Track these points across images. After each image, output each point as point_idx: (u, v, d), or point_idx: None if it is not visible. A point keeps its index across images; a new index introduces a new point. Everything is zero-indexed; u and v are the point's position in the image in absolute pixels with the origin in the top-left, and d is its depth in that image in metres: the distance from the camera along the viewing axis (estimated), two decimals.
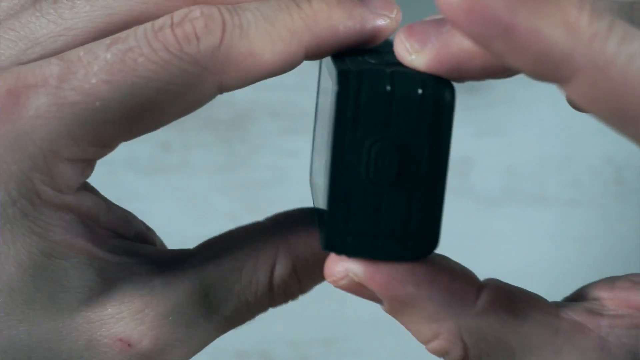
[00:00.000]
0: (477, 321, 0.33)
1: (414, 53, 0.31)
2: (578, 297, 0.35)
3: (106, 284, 0.34)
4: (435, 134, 0.31)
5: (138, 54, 0.31)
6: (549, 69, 0.28)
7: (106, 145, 0.33)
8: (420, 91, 0.31)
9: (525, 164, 0.92)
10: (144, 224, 0.39)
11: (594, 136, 0.50)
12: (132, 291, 0.34)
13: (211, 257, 0.35)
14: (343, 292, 0.34)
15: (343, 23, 0.33)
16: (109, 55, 0.31)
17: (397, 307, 0.34)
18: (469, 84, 0.33)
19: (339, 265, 0.33)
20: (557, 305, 0.34)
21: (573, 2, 0.27)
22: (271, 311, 0.38)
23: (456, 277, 0.34)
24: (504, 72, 0.32)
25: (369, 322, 0.68)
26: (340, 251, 0.32)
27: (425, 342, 0.35)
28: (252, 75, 0.32)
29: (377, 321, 0.68)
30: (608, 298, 0.33)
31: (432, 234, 0.32)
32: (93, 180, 0.36)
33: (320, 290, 0.39)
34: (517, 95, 0.71)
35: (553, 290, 0.37)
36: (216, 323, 0.36)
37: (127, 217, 0.37)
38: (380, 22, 0.34)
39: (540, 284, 0.38)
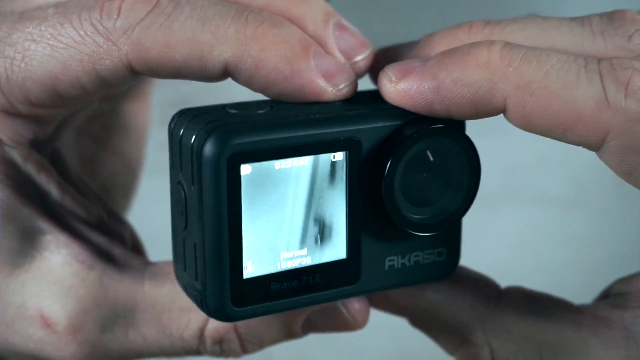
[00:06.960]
0: (501, 322, 0.34)
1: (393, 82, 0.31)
2: (603, 296, 0.36)
3: (44, 258, 0.33)
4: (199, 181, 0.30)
5: (67, 20, 0.31)
6: (484, 105, 0.30)
7: (35, 104, 0.32)
8: (192, 140, 0.30)
9: (525, 164, 0.91)
10: (117, 216, 0.38)
11: None
12: (65, 275, 0.33)
13: (156, 278, 0.34)
14: None
15: (274, 62, 0.31)
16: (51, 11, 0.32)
17: (422, 317, 0.35)
18: None
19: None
20: (580, 305, 0.35)
21: (482, 46, 0.30)
22: None
23: (475, 283, 0.35)
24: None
25: (369, 322, 0.68)
26: None
27: (453, 351, 0.35)
28: (161, 67, 0.31)
29: (377, 321, 0.68)
30: (631, 292, 0.34)
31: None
32: None
33: None
34: None
35: (553, 289, 0.37)
36: (133, 343, 0.34)
37: (90, 202, 0.36)
38: (320, 84, 0.31)
39: (540, 284, 0.38)
